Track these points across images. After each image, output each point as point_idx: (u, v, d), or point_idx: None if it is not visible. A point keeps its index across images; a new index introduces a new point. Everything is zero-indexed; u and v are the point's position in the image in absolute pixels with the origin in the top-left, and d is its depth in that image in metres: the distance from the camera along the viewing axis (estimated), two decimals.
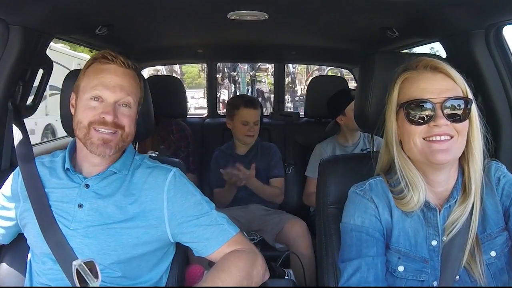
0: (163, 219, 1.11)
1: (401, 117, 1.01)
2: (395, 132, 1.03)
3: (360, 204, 1.05)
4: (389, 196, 1.04)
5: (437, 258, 1.00)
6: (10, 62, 1.35)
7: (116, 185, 1.13)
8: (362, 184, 1.08)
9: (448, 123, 0.95)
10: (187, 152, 2.34)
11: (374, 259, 1.00)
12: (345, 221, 1.07)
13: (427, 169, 1.01)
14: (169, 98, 2.50)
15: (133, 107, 1.14)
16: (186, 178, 1.18)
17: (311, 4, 1.49)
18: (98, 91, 1.09)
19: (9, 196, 1.19)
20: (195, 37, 2.36)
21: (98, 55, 1.13)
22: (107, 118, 1.08)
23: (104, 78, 1.10)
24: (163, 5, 1.48)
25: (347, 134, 2.33)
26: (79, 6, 1.38)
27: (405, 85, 1.01)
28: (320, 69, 7.46)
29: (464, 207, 0.98)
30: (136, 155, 1.21)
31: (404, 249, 1.02)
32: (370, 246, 1.01)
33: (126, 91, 1.11)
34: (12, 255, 1.26)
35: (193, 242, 1.13)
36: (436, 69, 0.99)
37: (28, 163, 1.17)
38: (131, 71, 1.15)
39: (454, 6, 1.32)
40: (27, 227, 1.15)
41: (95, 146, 1.09)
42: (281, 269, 1.78)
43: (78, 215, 1.10)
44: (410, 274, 1.01)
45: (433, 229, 1.01)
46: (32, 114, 1.58)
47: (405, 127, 1.00)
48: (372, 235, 1.02)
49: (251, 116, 2.27)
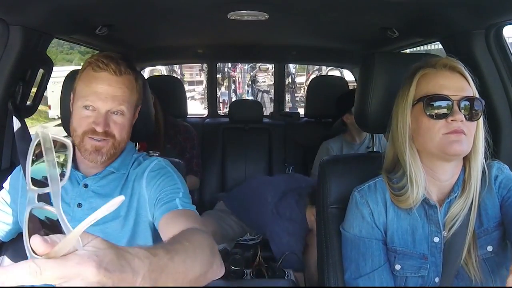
0: (146, 205, 1.11)
1: (418, 111, 1.02)
2: (409, 126, 1.04)
3: (357, 212, 1.08)
4: (386, 196, 1.06)
5: (439, 254, 1.02)
6: (10, 62, 1.35)
7: (114, 184, 1.14)
8: (362, 185, 1.11)
9: (464, 119, 0.98)
10: (192, 154, 2.33)
11: (370, 275, 1.05)
12: (345, 227, 1.11)
13: (437, 163, 1.03)
14: (169, 98, 2.50)
15: (127, 113, 1.13)
16: (170, 167, 1.17)
17: (311, 4, 1.49)
18: (89, 102, 1.09)
19: (10, 191, 1.19)
20: (195, 37, 2.36)
21: (92, 60, 1.12)
22: (97, 129, 1.08)
23: (96, 87, 1.09)
24: (163, 5, 1.48)
25: (353, 132, 2.36)
26: (79, 6, 1.38)
27: (423, 81, 1.03)
28: (320, 69, 7.46)
29: (464, 201, 1.01)
30: (135, 153, 1.22)
31: (399, 248, 1.04)
32: (366, 260, 1.05)
33: (118, 101, 1.10)
34: (13, 253, 1.26)
35: (156, 209, 1.07)
36: (454, 69, 1.02)
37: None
38: (124, 77, 1.12)
39: (454, 6, 1.32)
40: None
41: (87, 153, 1.10)
42: (281, 269, 1.78)
43: (77, 215, 1.10)
44: (407, 271, 1.03)
45: (435, 226, 1.03)
46: (32, 114, 1.58)
47: (423, 122, 1.01)
48: (369, 246, 1.05)
49: None
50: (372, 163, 1.15)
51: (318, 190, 1.31)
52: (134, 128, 1.26)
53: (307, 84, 3.62)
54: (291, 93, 7.72)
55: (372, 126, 1.32)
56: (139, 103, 1.20)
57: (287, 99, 6.25)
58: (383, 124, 1.14)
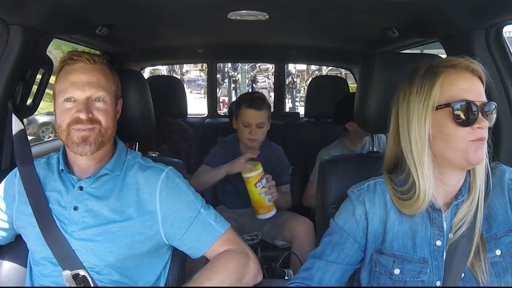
0: (157, 219, 1.11)
1: (443, 117, 0.96)
2: (429, 131, 0.97)
3: (350, 207, 1.06)
4: (387, 198, 1.03)
5: (441, 258, 1.00)
6: (10, 62, 1.34)
7: (109, 186, 1.13)
8: (361, 184, 1.08)
9: (487, 126, 0.95)
10: (188, 153, 2.32)
11: (328, 264, 1.04)
12: (335, 217, 1.09)
13: (449, 170, 0.99)
14: (169, 98, 2.50)
15: (109, 101, 1.13)
16: (179, 177, 1.17)
17: (311, 4, 1.49)
18: (69, 93, 1.10)
19: (4, 196, 1.18)
20: (195, 37, 2.35)
21: (65, 57, 1.14)
22: (81, 116, 1.08)
23: (73, 78, 1.11)
24: (163, 5, 1.48)
25: (355, 139, 2.31)
26: (79, 6, 1.38)
27: (445, 83, 0.97)
28: (320, 69, 7.47)
29: (470, 204, 0.99)
30: (128, 154, 1.20)
31: (399, 252, 1.02)
32: (334, 251, 1.04)
33: (95, 87, 1.11)
34: (12, 255, 1.25)
35: (184, 245, 1.13)
36: (474, 72, 0.98)
37: (26, 165, 1.17)
38: (99, 65, 1.15)
39: (454, 6, 1.32)
40: (25, 230, 1.14)
41: (75, 145, 1.09)
42: (281, 269, 1.78)
43: (74, 218, 1.10)
44: (407, 276, 1.01)
45: (437, 229, 1.01)
46: (32, 114, 1.58)
47: (448, 128, 0.95)
48: (344, 241, 1.04)
49: (254, 118, 2.04)
50: (372, 163, 1.15)
51: (318, 190, 1.31)
52: (134, 128, 1.26)
53: (307, 84, 3.62)
54: (291, 93, 7.73)
55: (372, 126, 1.32)
56: (118, 94, 1.20)
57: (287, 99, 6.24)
58: (383, 124, 1.14)
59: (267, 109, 2.11)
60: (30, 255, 1.16)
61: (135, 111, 1.32)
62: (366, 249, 1.05)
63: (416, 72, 1.01)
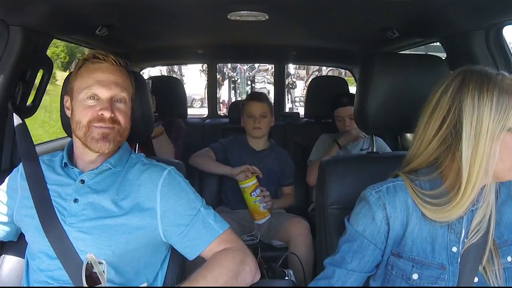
0: (156, 216, 1.12)
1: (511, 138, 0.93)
2: (496, 153, 0.93)
3: (369, 212, 1.01)
4: (409, 201, 1.00)
5: (456, 264, 0.99)
6: (10, 62, 1.35)
7: (110, 180, 1.14)
8: (380, 186, 1.03)
9: None
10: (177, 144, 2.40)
11: (348, 273, 1.02)
12: (351, 221, 1.05)
13: (484, 182, 0.96)
14: (169, 98, 2.50)
15: (128, 103, 1.17)
16: (181, 176, 1.18)
17: (311, 4, 1.49)
18: (94, 90, 1.11)
19: (8, 192, 1.19)
20: (195, 38, 2.36)
21: (89, 56, 1.16)
22: (105, 114, 1.10)
23: (98, 76, 1.12)
24: (163, 5, 1.48)
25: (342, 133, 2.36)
26: (79, 6, 1.38)
27: None
28: (320, 69, 7.47)
29: (485, 209, 0.98)
30: (132, 153, 1.23)
31: (418, 257, 0.99)
32: (354, 258, 1.02)
33: (120, 87, 1.14)
34: (12, 253, 1.25)
35: (181, 243, 1.12)
36: None
37: (31, 161, 1.18)
38: (122, 68, 1.18)
39: (454, 6, 1.32)
40: (24, 222, 1.15)
41: (95, 141, 1.11)
42: (281, 269, 1.78)
43: (73, 210, 1.11)
44: (425, 281, 0.99)
45: (455, 235, 0.99)
46: (32, 114, 1.58)
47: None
48: (364, 248, 1.01)
49: (256, 108, 2.27)
50: (372, 163, 1.15)
51: (318, 191, 1.31)
52: (134, 129, 1.26)
53: (307, 84, 3.62)
54: (291, 93, 7.73)
55: (372, 127, 1.32)
56: (133, 96, 1.22)
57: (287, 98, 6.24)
58: (383, 125, 1.14)
59: (268, 102, 2.35)
60: (28, 249, 1.16)
61: (135, 112, 1.32)
62: (384, 253, 1.03)
63: (483, 83, 0.95)
